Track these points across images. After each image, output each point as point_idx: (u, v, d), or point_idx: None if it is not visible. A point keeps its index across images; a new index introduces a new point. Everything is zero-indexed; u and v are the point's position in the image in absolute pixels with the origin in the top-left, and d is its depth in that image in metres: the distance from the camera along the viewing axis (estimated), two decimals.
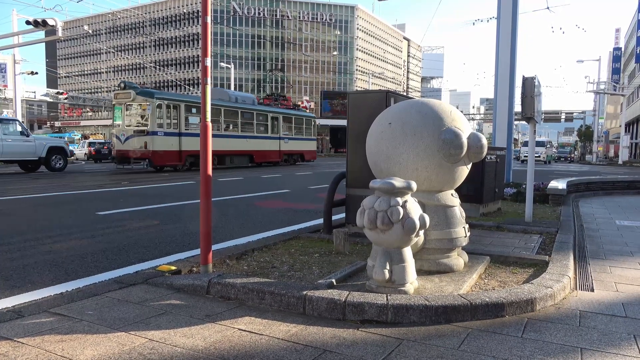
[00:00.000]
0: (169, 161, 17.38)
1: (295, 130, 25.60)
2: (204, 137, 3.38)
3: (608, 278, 3.58)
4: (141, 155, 16.72)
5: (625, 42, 57.73)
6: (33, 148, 16.39)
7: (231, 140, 20.63)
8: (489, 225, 5.53)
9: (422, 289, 3.00)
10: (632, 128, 52.00)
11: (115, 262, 4.01)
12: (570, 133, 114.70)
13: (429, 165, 3.30)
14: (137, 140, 16.73)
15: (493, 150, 6.85)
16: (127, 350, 2.21)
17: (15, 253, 4.30)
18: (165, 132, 17.07)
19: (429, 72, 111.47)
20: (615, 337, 2.47)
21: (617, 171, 24.01)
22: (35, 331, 2.42)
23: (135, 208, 7.43)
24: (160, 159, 16.94)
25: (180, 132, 17.74)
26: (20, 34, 20.61)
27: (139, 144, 16.67)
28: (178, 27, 69.20)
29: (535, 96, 5.60)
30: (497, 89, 9.84)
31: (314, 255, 4.03)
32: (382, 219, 2.73)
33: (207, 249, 3.38)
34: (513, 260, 3.92)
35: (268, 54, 71.19)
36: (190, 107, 18.42)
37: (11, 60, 28.88)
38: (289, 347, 2.28)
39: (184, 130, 17.88)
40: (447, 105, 3.48)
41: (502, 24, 9.77)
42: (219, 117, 19.92)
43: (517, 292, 2.88)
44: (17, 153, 16.05)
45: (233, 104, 21.18)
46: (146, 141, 16.56)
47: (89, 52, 78.59)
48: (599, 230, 5.68)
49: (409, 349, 2.28)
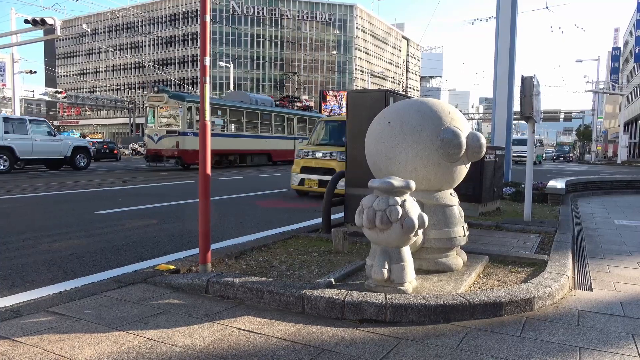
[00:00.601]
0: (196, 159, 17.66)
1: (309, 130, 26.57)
2: (203, 136, 3.37)
3: (606, 277, 3.59)
4: (173, 154, 17.78)
5: (624, 41, 57.78)
6: (59, 147, 17.22)
7: (252, 140, 21.67)
8: (487, 225, 5.53)
9: (420, 289, 3.00)
10: (631, 127, 52.05)
11: (114, 262, 4.00)
12: (569, 132, 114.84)
13: (428, 165, 3.30)
14: (169, 140, 17.81)
15: (492, 150, 6.85)
16: (126, 350, 2.21)
17: (13, 252, 4.30)
18: (194, 133, 17.81)
19: (428, 72, 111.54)
20: (614, 337, 2.47)
21: (615, 171, 24.05)
22: (33, 330, 2.42)
23: (135, 207, 7.42)
24: (189, 158, 17.77)
25: None
26: (18, 33, 20.60)
27: (170, 143, 17.75)
28: (177, 26, 69.17)
29: (534, 95, 5.61)
30: (496, 89, 9.84)
31: (313, 254, 4.03)
32: (381, 218, 2.73)
33: (205, 248, 3.38)
34: (512, 259, 3.93)
35: (267, 53, 71.18)
36: (215, 110, 19.51)
37: (10, 59, 28.84)
38: (287, 346, 2.28)
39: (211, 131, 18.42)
40: (446, 105, 3.49)
41: (501, 23, 9.77)
42: (242, 119, 20.99)
43: (516, 292, 2.88)
44: (45, 152, 16.86)
45: (254, 106, 22.17)
46: (178, 141, 17.65)
47: (87, 51, 78.51)
48: (597, 230, 5.69)
49: (408, 348, 2.28)
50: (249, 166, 20.84)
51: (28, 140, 16.06)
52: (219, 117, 19.77)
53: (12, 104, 28.70)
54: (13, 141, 15.64)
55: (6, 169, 15.53)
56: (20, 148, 15.77)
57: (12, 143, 15.60)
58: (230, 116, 20.43)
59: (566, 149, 60.08)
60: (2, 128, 15.43)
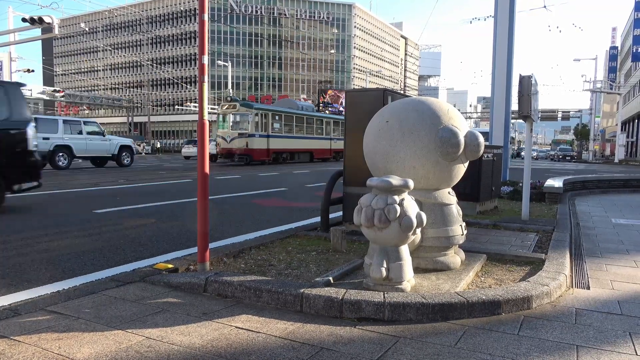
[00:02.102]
0: (261, 157, 22.66)
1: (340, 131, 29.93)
2: (201, 136, 3.37)
3: (604, 276, 3.60)
4: (243, 152, 21.92)
5: (621, 41, 57.91)
6: (108, 146, 19.13)
7: (300, 141, 25.98)
8: (485, 224, 5.54)
9: (419, 287, 3.01)
10: (628, 126, 52.17)
11: (112, 260, 4.00)
12: (567, 132, 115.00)
13: (426, 164, 3.31)
14: (239, 141, 21.94)
15: (490, 149, 6.86)
16: (124, 348, 2.21)
17: (11, 251, 4.29)
18: (259, 135, 22.35)
19: (427, 71, 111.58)
20: (611, 335, 2.48)
21: (613, 170, 24.12)
22: (32, 329, 2.42)
23: (133, 206, 7.42)
24: (257, 155, 22.13)
25: (268, 134, 23.12)
26: (16, 32, 20.53)
27: (241, 143, 21.89)
28: (175, 25, 69.03)
29: (532, 95, 5.62)
30: (494, 88, 9.85)
31: (311, 253, 4.04)
32: (380, 217, 2.73)
33: (204, 247, 3.38)
34: (510, 258, 3.94)
35: (265, 52, 71.10)
36: (274, 115, 23.73)
37: (7, 58, 28.77)
38: (286, 345, 2.28)
39: (271, 133, 23.34)
40: (444, 104, 3.49)
41: (499, 22, 9.77)
42: (292, 123, 25.38)
43: (514, 290, 2.89)
44: (96, 150, 18.84)
45: (300, 112, 26.60)
46: (247, 141, 21.87)
47: (85, 49, 78.30)
48: (595, 229, 5.71)
49: (406, 347, 2.29)
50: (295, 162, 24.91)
51: (83, 140, 18.10)
52: (277, 122, 23.84)
53: None
54: (71, 140, 17.68)
55: (65, 165, 17.39)
56: (76, 147, 17.83)
57: (70, 142, 17.66)
58: (284, 121, 24.58)
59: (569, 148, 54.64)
60: (62, 129, 17.42)
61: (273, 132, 23.45)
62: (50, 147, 16.88)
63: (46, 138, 16.71)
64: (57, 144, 17.23)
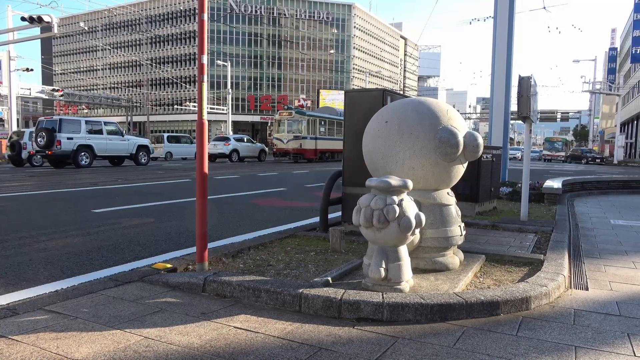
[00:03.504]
0: (311, 156, 26.95)
1: None
2: (200, 135, 3.36)
3: (602, 277, 3.60)
4: (297, 151, 26.57)
5: (621, 42, 57.99)
6: (127, 146, 20.00)
7: (338, 142, 27.42)
8: (484, 224, 5.54)
9: (417, 288, 3.01)
10: (627, 128, 52.24)
11: (111, 260, 3.99)
12: (566, 132, 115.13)
13: (425, 164, 3.31)
14: (294, 142, 26.50)
15: (489, 150, 6.86)
16: (123, 348, 2.21)
17: (9, 250, 4.29)
18: (311, 137, 26.83)
19: (426, 71, 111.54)
20: (609, 336, 2.48)
21: (612, 171, 24.14)
22: (30, 329, 2.41)
23: (132, 206, 7.41)
24: (308, 154, 26.69)
25: (316, 137, 27.37)
26: (15, 30, 20.50)
27: (296, 144, 26.47)
28: (174, 25, 68.95)
29: (532, 95, 5.62)
30: (494, 88, 9.87)
31: (310, 253, 4.03)
32: (378, 217, 2.73)
33: (202, 247, 3.38)
34: (508, 259, 3.94)
35: (265, 52, 71.04)
36: (321, 121, 28.11)
37: (6, 57, 28.69)
38: (284, 345, 2.28)
39: (318, 136, 27.63)
40: (443, 104, 3.49)
41: (499, 23, 9.79)
42: (334, 127, 29.33)
43: (512, 291, 2.89)
44: (116, 150, 19.69)
45: (340, 117, 28.68)
46: (301, 142, 26.35)
47: (84, 49, 78.14)
48: (593, 230, 5.71)
49: (404, 347, 2.29)
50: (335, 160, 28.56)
51: (103, 140, 18.93)
52: (322, 126, 28.22)
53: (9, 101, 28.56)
54: (92, 140, 18.46)
55: (87, 163, 18.13)
56: (98, 146, 18.64)
57: (92, 142, 18.45)
58: (327, 125, 28.78)
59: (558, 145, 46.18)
60: (84, 129, 18.25)
61: (320, 135, 27.83)
62: (73, 147, 17.68)
63: (70, 138, 17.58)
64: (80, 143, 17.94)
